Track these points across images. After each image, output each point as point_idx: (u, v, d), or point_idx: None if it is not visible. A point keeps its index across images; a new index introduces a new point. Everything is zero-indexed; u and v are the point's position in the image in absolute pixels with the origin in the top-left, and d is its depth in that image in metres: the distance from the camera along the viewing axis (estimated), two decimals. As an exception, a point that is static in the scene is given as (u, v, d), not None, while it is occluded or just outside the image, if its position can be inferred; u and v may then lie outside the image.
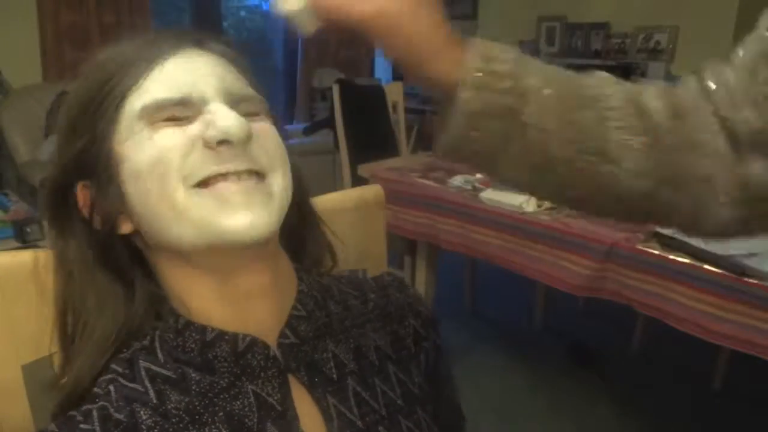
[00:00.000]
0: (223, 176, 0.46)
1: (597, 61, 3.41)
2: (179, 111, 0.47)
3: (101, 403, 0.46)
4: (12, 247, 1.72)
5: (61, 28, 3.37)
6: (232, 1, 4.80)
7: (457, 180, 1.81)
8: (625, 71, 3.17)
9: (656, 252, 1.27)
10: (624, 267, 1.33)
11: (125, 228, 0.50)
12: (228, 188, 0.46)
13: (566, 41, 3.62)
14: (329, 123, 2.98)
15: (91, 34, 3.47)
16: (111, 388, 0.48)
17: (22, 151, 3.04)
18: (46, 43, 3.35)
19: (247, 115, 0.49)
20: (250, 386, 0.49)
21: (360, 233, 0.74)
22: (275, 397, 0.49)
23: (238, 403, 0.48)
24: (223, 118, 0.46)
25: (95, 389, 0.48)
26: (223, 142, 0.45)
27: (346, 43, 4.86)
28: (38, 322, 0.53)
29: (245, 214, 0.45)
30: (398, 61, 0.46)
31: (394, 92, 2.70)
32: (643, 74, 3.14)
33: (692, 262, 1.22)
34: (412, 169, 1.98)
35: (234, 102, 0.49)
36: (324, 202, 0.71)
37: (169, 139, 0.46)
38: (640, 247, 1.30)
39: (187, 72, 0.48)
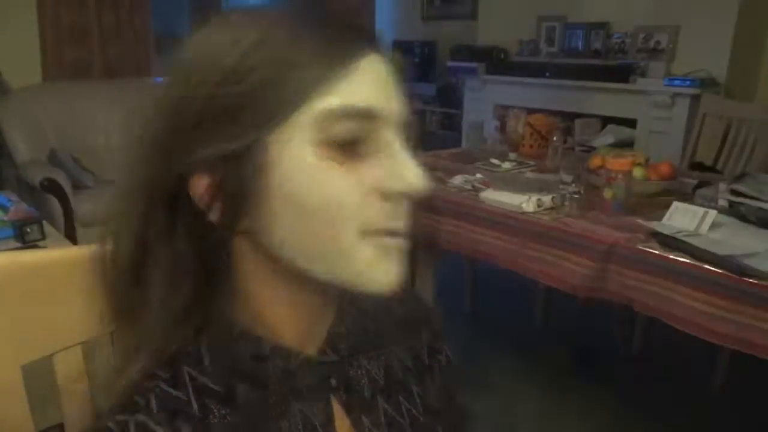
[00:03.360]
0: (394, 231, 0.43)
1: (597, 61, 3.41)
2: (360, 126, 0.41)
3: (140, 417, 0.43)
4: (12, 247, 1.72)
5: (61, 28, 3.37)
6: (232, 1, 4.80)
7: (457, 180, 1.81)
8: (625, 71, 3.17)
9: (656, 252, 1.27)
10: (624, 267, 1.33)
11: (241, 226, 0.43)
12: (390, 242, 0.43)
13: (566, 41, 3.62)
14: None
15: (91, 33, 3.46)
16: (151, 397, 0.44)
17: (22, 151, 3.04)
18: (46, 43, 3.35)
19: (410, 148, 0.45)
20: (297, 406, 0.48)
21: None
22: (320, 419, 0.48)
23: (285, 423, 0.47)
24: (411, 171, 0.42)
25: (135, 397, 0.44)
26: (403, 196, 0.42)
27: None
28: (38, 322, 0.53)
29: (394, 273, 0.44)
30: None
31: (394, 92, 2.70)
32: (643, 74, 3.14)
33: (692, 262, 1.22)
34: (412, 169, 1.98)
35: (405, 125, 0.45)
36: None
37: (344, 184, 0.41)
38: (640, 247, 1.30)
39: (374, 84, 0.42)
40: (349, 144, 0.41)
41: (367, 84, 0.42)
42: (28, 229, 1.79)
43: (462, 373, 0.66)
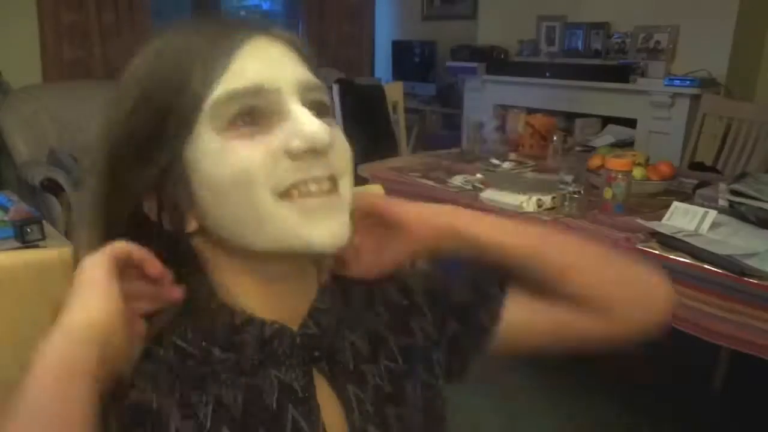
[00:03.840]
0: (305, 184, 0.46)
1: (597, 61, 3.41)
2: (252, 101, 0.46)
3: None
4: (12, 247, 1.71)
5: (61, 28, 3.37)
6: (232, 1, 4.80)
7: (457, 180, 1.81)
8: (625, 71, 3.17)
9: (656, 252, 1.27)
10: (624, 267, 1.32)
11: (191, 226, 0.49)
12: (312, 203, 0.47)
13: (566, 41, 3.62)
14: (329, 123, 2.99)
15: (91, 33, 3.46)
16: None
17: (22, 151, 3.04)
18: (46, 43, 3.35)
19: (320, 109, 0.49)
20: (273, 371, 0.50)
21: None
22: (300, 383, 0.51)
23: (259, 382, 0.50)
24: (308, 125, 0.45)
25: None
26: (308, 150, 0.45)
27: (345, 43, 4.86)
28: (38, 322, 0.53)
29: (329, 226, 0.47)
30: None
31: (394, 92, 2.70)
32: (643, 74, 3.13)
33: (692, 262, 1.22)
34: (412, 169, 1.98)
35: (306, 91, 0.49)
36: (324, 202, 0.71)
37: (250, 153, 0.45)
38: (640, 247, 1.30)
39: (259, 62, 0.47)
40: (250, 119, 0.46)
41: (252, 64, 0.46)
42: (28, 229, 1.79)
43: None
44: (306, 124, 0.45)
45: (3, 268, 0.53)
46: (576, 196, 1.54)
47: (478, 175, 1.83)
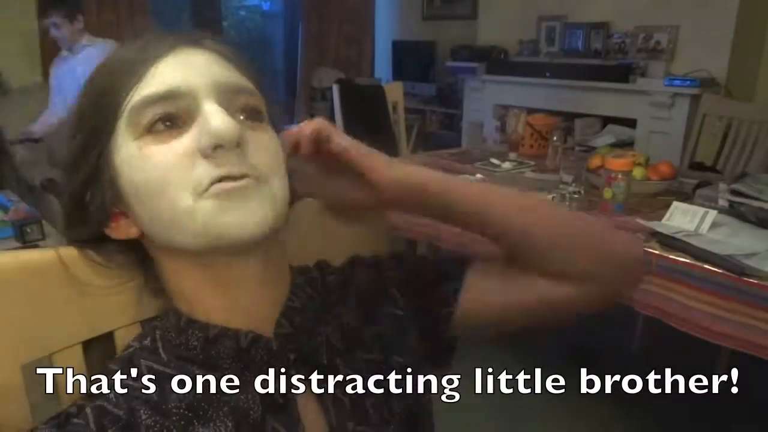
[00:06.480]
0: (220, 181, 0.46)
1: (597, 61, 3.41)
2: (168, 106, 0.46)
3: (98, 402, 0.47)
4: (12, 247, 1.71)
5: (61, 28, 3.37)
6: (232, 1, 4.79)
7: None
8: (625, 71, 3.17)
9: (656, 252, 1.27)
10: (624, 267, 1.32)
11: (133, 232, 0.51)
12: (226, 186, 0.46)
13: (566, 41, 3.62)
14: (329, 123, 2.98)
15: (91, 33, 3.46)
16: (109, 387, 0.48)
17: (22, 151, 3.04)
18: (46, 43, 3.35)
19: (250, 113, 0.49)
20: (253, 380, 0.50)
21: (360, 233, 0.74)
22: (278, 389, 0.51)
23: (243, 397, 0.49)
24: (214, 121, 0.45)
25: (93, 389, 0.49)
26: (217, 147, 0.45)
27: (345, 43, 4.86)
28: (38, 322, 0.53)
29: (246, 213, 0.46)
30: None
31: (394, 92, 2.70)
32: (643, 74, 3.13)
33: (692, 262, 1.22)
34: (412, 169, 1.98)
35: (229, 93, 0.48)
36: (324, 202, 0.71)
37: (164, 158, 0.46)
38: (640, 247, 1.30)
39: (178, 67, 0.48)
40: (166, 123, 0.46)
41: (170, 70, 0.47)
42: (28, 229, 1.79)
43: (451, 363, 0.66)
44: (212, 121, 0.45)
45: (3, 268, 0.53)
46: (576, 196, 1.54)
47: (478, 176, 1.83)
